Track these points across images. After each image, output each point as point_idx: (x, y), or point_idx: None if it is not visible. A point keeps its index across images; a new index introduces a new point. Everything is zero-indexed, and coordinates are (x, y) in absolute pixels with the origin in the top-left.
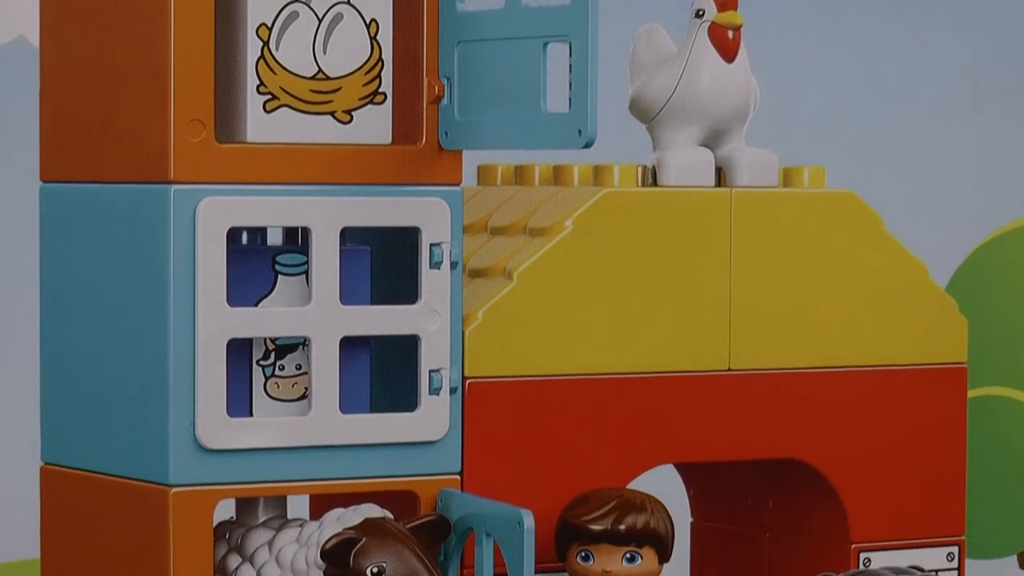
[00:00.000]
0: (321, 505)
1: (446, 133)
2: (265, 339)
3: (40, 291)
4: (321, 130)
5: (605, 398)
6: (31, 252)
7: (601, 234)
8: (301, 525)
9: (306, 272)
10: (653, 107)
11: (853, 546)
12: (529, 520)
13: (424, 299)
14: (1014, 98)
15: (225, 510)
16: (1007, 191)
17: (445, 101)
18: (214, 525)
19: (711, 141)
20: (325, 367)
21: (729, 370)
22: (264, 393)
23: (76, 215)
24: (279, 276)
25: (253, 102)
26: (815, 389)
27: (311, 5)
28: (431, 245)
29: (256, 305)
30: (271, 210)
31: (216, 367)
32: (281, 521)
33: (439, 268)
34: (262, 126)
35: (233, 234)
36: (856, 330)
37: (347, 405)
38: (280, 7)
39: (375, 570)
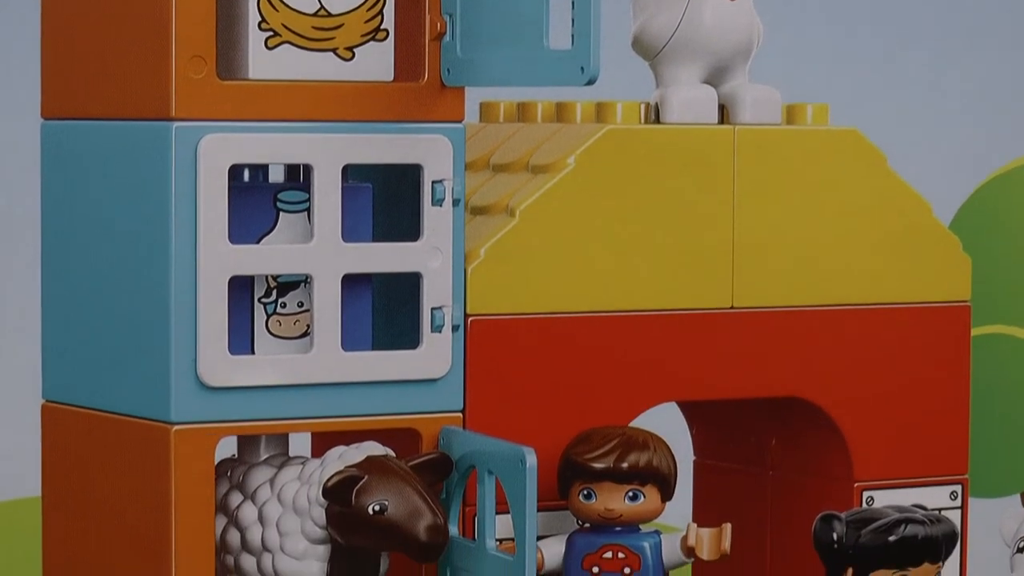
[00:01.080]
0: (323, 443)
1: (448, 70)
2: (267, 276)
3: (41, 228)
4: (323, 67)
5: (608, 336)
6: (32, 189)
7: (604, 171)
8: (303, 463)
9: (308, 209)
10: (656, 44)
11: (856, 485)
12: (531, 458)
13: (426, 236)
14: (1018, 36)
15: (227, 448)
16: (1012, 129)
17: (447, 38)
18: (216, 463)
19: (714, 78)
20: (327, 304)
21: (732, 308)
22: (266, 331)
23: (77, 152)
24: (281, 213)
25: (255, 39)
26: (818, 327)
27: None
28: (433, 182)
29: (258, 242)
30: (273, 147)
31: (218, 304)
32: (283, 459)
33: (441, 205)
34: (264, 63)
35: (235, 171)
36: (859, 268)
37: (349, 343)
38: None
39: (377, 508)
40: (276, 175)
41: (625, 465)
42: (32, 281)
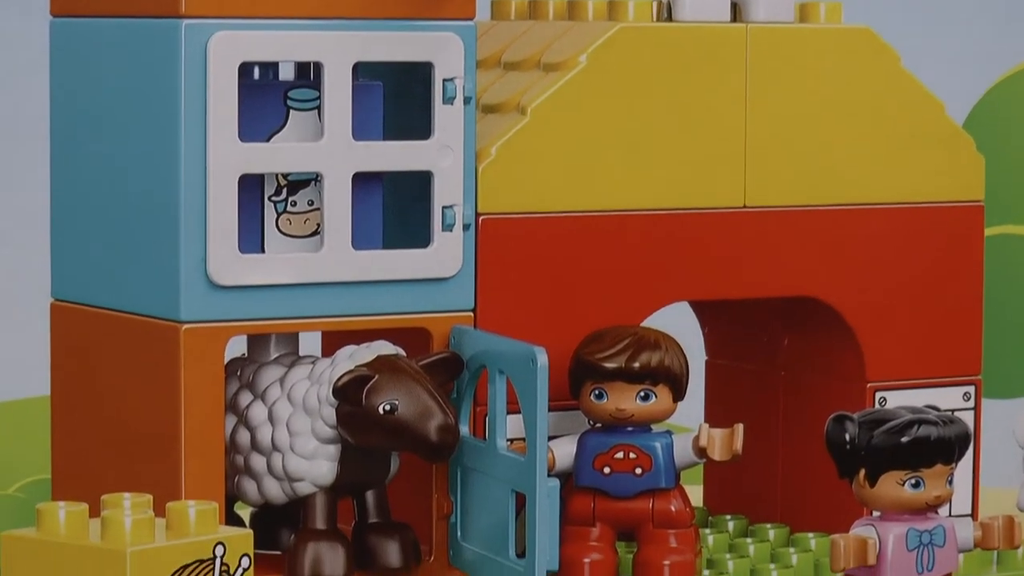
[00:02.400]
0: (333, 342)
1: None
2: (277, 175)
3: (50, 127)
4: None
5: (620, 235)
6: (41, 87)
7: (616, 69)
8: (313, 362)
9: (318, 107)
10: None
11: (869, 385)
12: (542, 357)
13: (437, 135)
14: None
15: (237, 347)
16: None
17: None
18: (226, 362)
19: None
20: (337, 203)
21: (744, 207)
22: (276, 229)
23: (86, 50)
24: (291, 111)
25: None
26: (831, 226)
27: None
28: (444, 80)
29: (268, 140)
30: (283, 44)
31: (227, 203)
32: (293, 358)
33: (452, 103)
34: None
35: (244, 69)
36: (872, 168)
37: (359, 241)
38: None
39: (387, 407)
40: (286, 73)
41: (637, 365)
42: (41, 180)
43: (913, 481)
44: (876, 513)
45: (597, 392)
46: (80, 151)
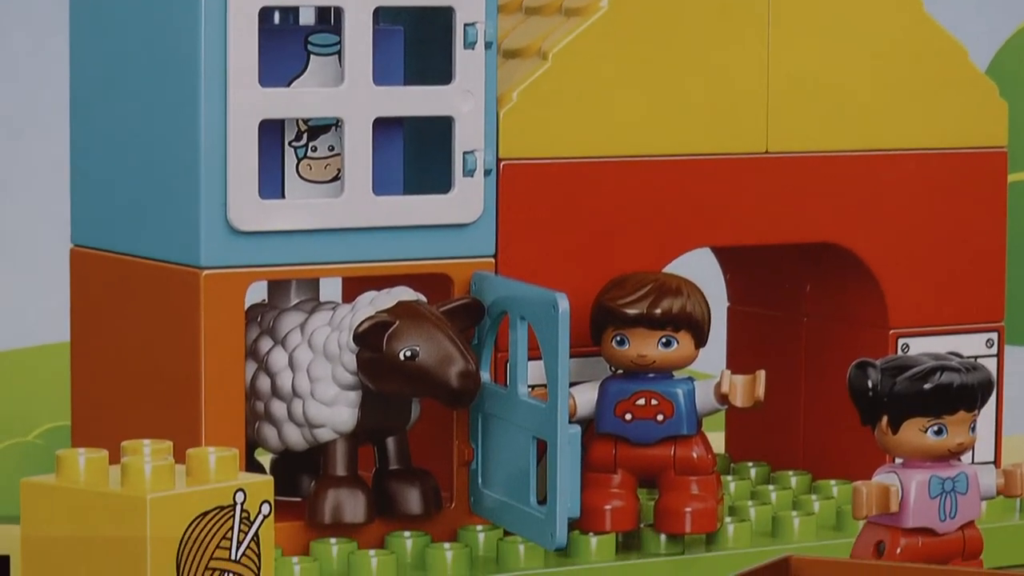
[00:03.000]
0: (354, 288)
1: None
2: (297, 120)
3: (70, 73)
4: None
5: (642, 180)
6: (60, 33)
7: (637, 13)
8: (334, 308)
9: (339, 52)
10: None
11: (891, 332)
12: (564, 303)
13: (458, 80)
14: None
15: (257, 293)
16: None
17: None
18: (246, 308)
19: None
20: (358, 148)
21: (767, 152)
22: (296, 175)
23: None
24: (311, 56)
25: None
26: (853, 173)
27: None
28: (465, 25)
29: (288, 85)
30: None
31: (248, 148)
32: (313, 304)
33: (473, 48)
34: None
35: (265, 13)
36: (895, 113)
37: (380, 187)
38: None
39: (408, 354)
40: (307, 18)
41: (658, 311)
42: (61, 126)
43: (936, 428)
44: (898, 460)
45: (619, 338)
46: (100, 97)
